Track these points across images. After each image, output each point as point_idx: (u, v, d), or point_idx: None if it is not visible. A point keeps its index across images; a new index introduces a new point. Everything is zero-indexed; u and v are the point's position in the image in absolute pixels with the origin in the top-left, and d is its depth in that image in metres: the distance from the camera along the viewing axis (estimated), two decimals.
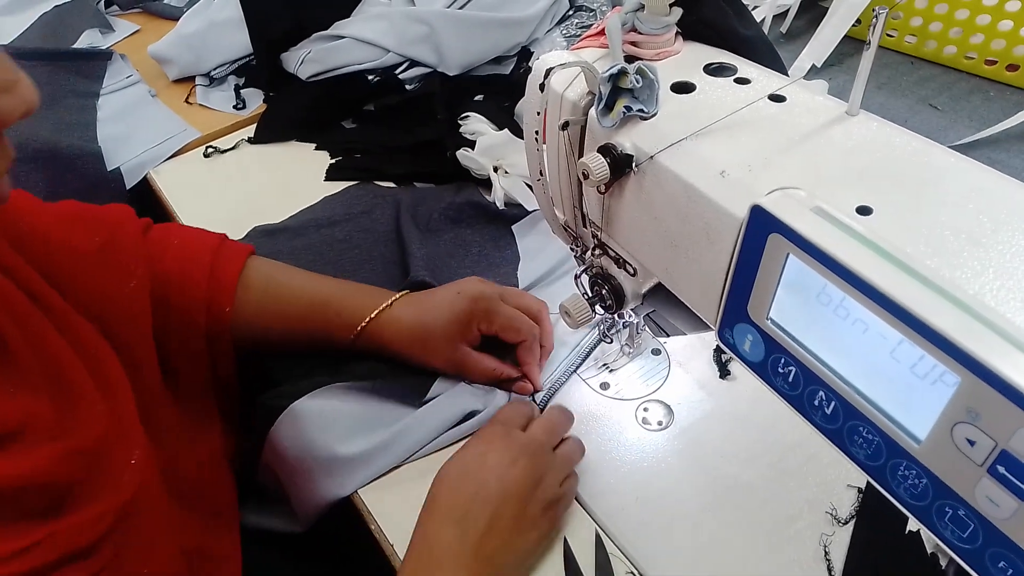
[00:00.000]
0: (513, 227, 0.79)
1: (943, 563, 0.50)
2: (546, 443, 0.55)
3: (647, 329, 0.61)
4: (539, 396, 0.64)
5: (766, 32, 1.07)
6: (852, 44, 1.00)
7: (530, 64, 1.00)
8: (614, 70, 0.41)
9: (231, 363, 0.63)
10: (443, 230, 0.80)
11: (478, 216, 0.81)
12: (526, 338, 0.63)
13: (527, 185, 0.79)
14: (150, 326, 0.56)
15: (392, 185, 0.89)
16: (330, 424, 0.59)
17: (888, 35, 1.03)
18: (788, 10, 1.09)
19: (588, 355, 0.66)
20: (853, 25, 0.96)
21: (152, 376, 0.56)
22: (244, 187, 0.93)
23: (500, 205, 0.80)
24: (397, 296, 0.63)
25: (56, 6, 1.33)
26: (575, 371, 0.65)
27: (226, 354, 0.62)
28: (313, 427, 0.59)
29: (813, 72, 0.98)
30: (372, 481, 0.58)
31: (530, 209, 0.79)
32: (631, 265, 0.50)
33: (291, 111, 1.01)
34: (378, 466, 0.58)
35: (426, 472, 0.55)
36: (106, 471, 0.43)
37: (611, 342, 0.66)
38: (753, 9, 1.10)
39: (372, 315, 0.61)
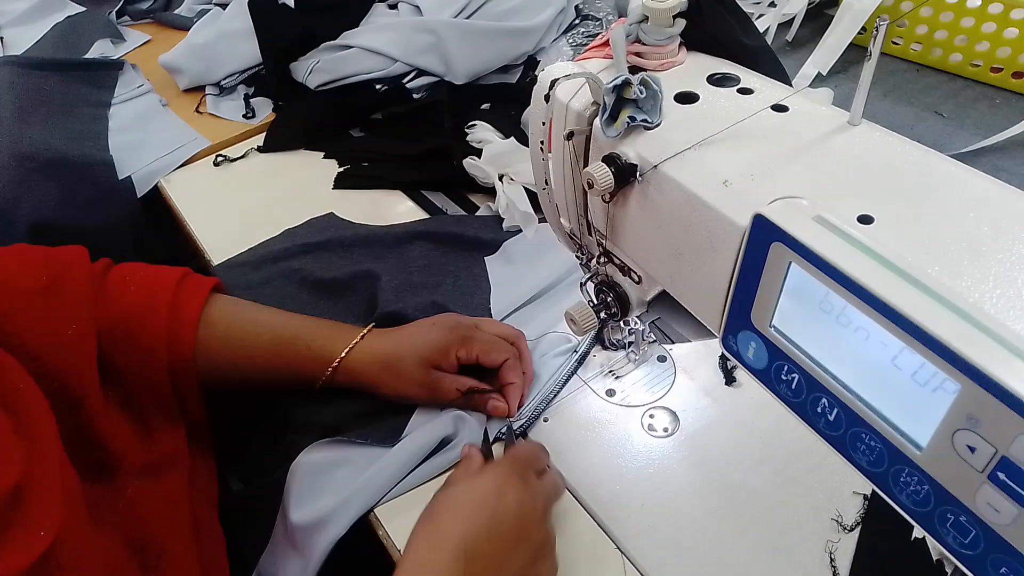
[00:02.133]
0: (486, 259, 0.78)
1: (949, 570, 0.50)
2: (553, 497, 0.54)
3: (652, 336, 0.61)
4: (517, 424, 0.62)
5: (771, 40, 1.08)
6: (857, 52, 1.00)
7: (536, 73, 1.01)
8: (618, 81, 0.42)
9: (199, 403, 0.62)
10: (415, 259, 0.78)
11: (453, 246, 0.80)
12: (508, 357, 0.62)
13: (530, 193, 0.80)
14: (94, 366, 0.55)
15: (350, 220, 0.87)
16: (312, 483, 0.59)
17: (893, 43, 1.03)
18: (793, 18, 1.10)
19: (565, 383, 0.65)
20: (858, 33, 0.96)
21: (97, 415, 0.54)
22: (254, 195, 0.94)
23: (504, 213, 0.80)
24: (368, 328, 0.63)
25: (69, 17, 1.34)
26: (553, 399, 0.64)
27: (192, 393, 0.61)
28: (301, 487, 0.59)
29: (818, 80, 0.98)
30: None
31: (521, 219, 0.79)
32: (636, 273, 0.51)
33: (300, 120, 1.03)
34: (354, 510, 0.56)
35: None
36: (15, 522, 0.41)
37: (616, 349, 0.66)
38: (758, 17, 1.11)
39: (348, 348, 0.61)
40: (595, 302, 0.56)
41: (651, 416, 0.63)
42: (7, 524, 0.40)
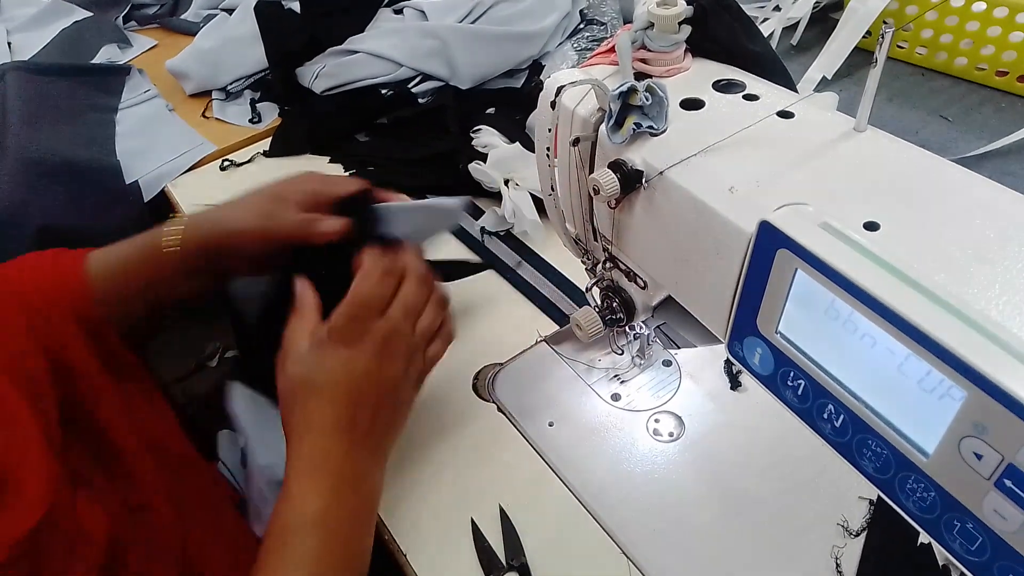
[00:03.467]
0: None
1: None
2: (404, 325, 0.54)
3: (658, 341, 0.61)
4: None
5: (776, 44, 1.08)
6: (862, 56, 1.01)
7: (541, 77, 1.02)
8: (624, 87, 0.42)
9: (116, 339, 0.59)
10: None
11: None
12: (362, 187, 0.60)
13: (535, 198, 0.80)
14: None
15: None
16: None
17: (899, 47, 1.03)
18: (798, 22, 1.10)
19: None
20: (863, 37, 0.96)
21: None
22: None
23: (510, 219, 0.80)
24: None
25: (75, 22, 1.35)
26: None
27: (109, 331, 0.59)
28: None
29: (823, 84, 0.98)
30: None
31: (530, 226, 0.79)
32: (641, 278, 0.51)
33: (306, 125, 1.03)
34: None
35: (438, 475, 0.55)
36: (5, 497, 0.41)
37: (622, 354, 0.66)
38: (763, 22, 1.11)
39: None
40: (601, 307, 0.56)
41: (656, 421, 0.63)
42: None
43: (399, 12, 1.07)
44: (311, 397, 0.51)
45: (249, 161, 1.00)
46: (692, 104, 0.45)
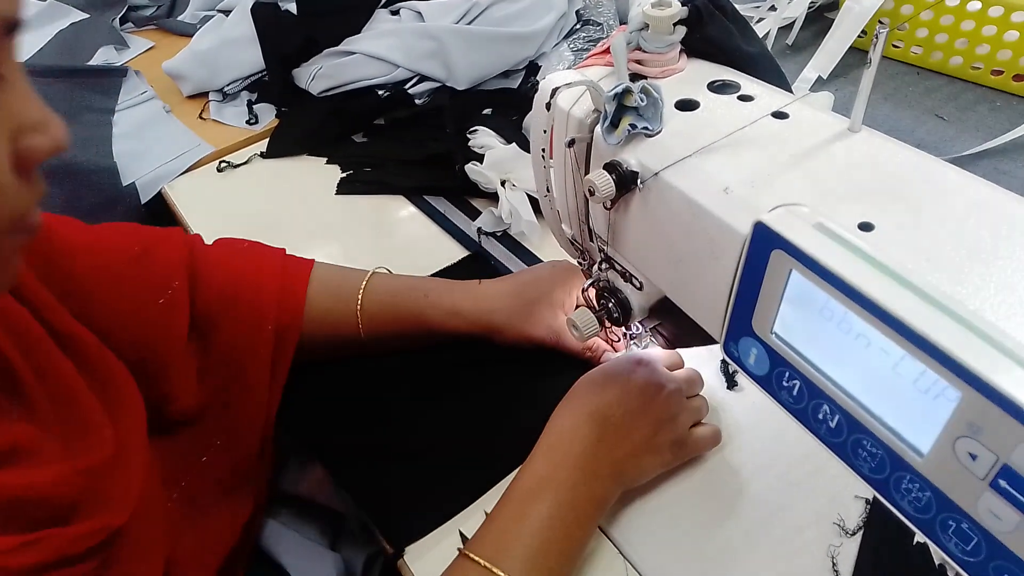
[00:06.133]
0: None
1: (951, 575, 0.50)
2: (685, 389, 0.57)
3: (654, 341, 0.61)
4: None
5: (771, 44, 1.08)
6: (858, 55, 1.01)
7: (538, 78, 1.02)
8: (619, 89, 0.42)
9: (288, 359, 0.61)
10: None
11: None
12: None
13: (531, 199, 0.80)
14: (184, 335, 0.56)
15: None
16: None
17: (894, 46, 1.03)
18: (793, 22, 1.10)
19: None
20: (858, 36, 0.96)
21: (178, 383, 0.56)
22: (257, 201, 0.94)
23: (507, 219, 0.80)
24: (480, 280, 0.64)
25: (72, 23, 1.35)
26: None
27: (286, 358, 0.60)
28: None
29: (819, 84, 0.98)
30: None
31: (527, 227, 0.79)
32: (637, 279, 0.51)
33: (303, 126, 1.03)
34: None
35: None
36: (106, 492, 0.44)
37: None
38: (758, 22, 1.11)
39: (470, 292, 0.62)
40: (597, 308, 0.56)
41: None
42: (99, 492, 0.42)
43: (396, 13, 1.07)
44: (585, 384, 0.55)
45: (246, 162, 1.00)
46: (687, 105, 0.45)
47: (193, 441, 0.57)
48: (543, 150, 0.50)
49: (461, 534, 0.56)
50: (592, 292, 0.57)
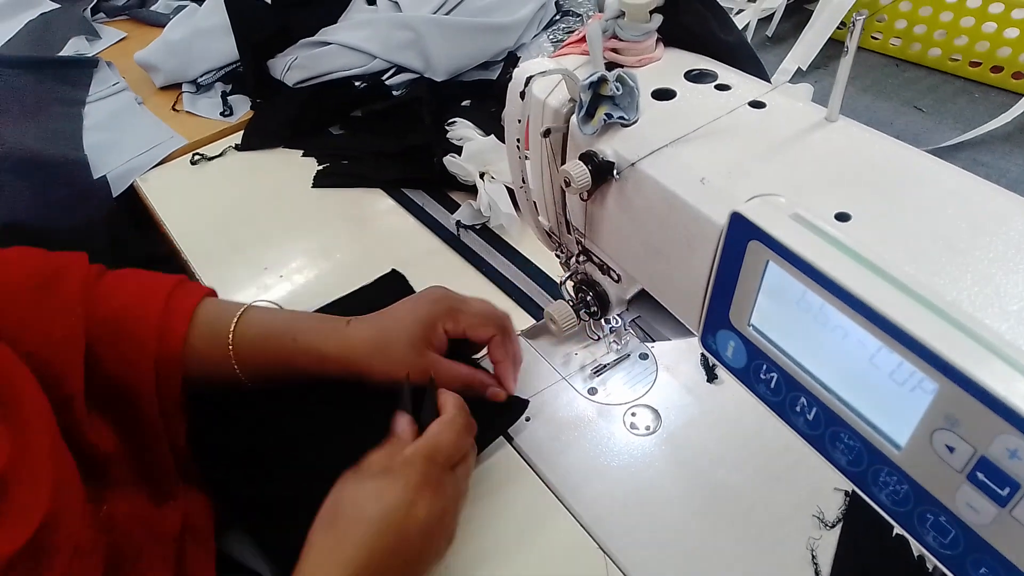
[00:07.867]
0: None
1: (930, 567, 0.50)
2: (464, 492, 0.54)
3: (633, 334, 0.61)
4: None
5: (751, 36, 1.08)
6: (837, 47, 1.00)
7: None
8: (594, 78, 0.41)
9: (177, 393, 0.59)
10: None
11: None
12: (496, 334, 0.61)
13: (510, 191, 0.79)
14: (81, 368, 0.53)
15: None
16: None
17: (873, 38, 1.03)
18: (773, 14, 1.10)
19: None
20: (838, 28, 0.96)
21: (82, 418, 0.53)
22: (231, 194, 0.92)
23: (485, 212, 0.79)
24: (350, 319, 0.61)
25: (42, 14, 1.32)
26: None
27: (174, 392, 0.58)
28: None
29: (799, 75, 0.98)
30: None
31: (505, 220, 0.78)
32: (615, 271, 0.50)
33: (278, 118, 1.01)
34: None
35: None
36: (7, 501, 0.40)
37: (598, 339, 0.65)
38: (738, 13, 1.11)
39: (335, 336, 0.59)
40: (575, 301, 0.56)
41: (633, 414, 0.62)
42: None
43: (372, 3, 1.05)
44: (354, 523, 0.48)
45: (220, 155, 0.98)
46: (664, 94, 0.44)
47: (106, 479, 0.54)
48: (518, 140, 0.49)
49: None
50: (570, 285, 0.56)
